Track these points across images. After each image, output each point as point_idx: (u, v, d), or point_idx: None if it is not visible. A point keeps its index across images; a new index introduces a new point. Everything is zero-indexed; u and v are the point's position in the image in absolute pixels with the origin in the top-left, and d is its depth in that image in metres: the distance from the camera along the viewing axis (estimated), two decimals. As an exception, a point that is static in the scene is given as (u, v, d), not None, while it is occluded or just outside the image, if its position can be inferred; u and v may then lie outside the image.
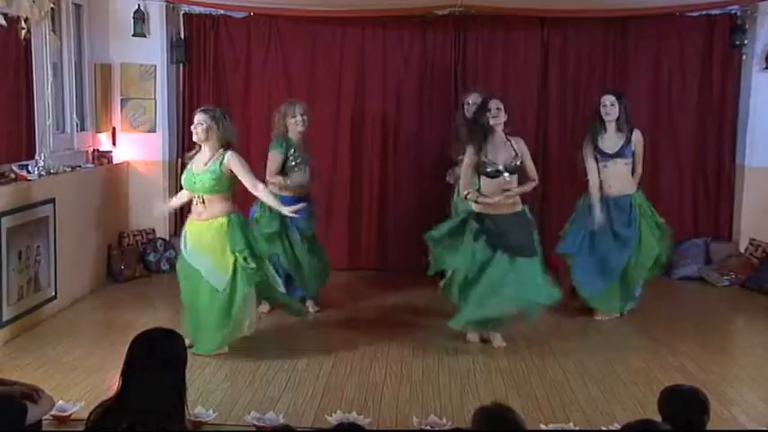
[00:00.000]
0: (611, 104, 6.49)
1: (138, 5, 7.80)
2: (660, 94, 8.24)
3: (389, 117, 8.33)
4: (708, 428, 3.22)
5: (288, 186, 6.41)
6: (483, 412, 3.01)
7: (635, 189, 6.63)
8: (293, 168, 6.46)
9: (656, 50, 8.22)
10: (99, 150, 7.75)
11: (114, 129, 8.03)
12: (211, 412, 4.52)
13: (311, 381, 5.21)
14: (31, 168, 6.32)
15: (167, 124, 8.11)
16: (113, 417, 2.94)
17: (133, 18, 7.81)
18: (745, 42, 7.98)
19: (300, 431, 4.23)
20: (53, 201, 6.44)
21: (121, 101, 8.04)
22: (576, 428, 4.47)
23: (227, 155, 5.54)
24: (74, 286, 6.89)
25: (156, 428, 2.90)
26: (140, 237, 7.99)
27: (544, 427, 4.44)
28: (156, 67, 8.01)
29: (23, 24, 5.99)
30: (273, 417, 4.50)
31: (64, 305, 6.67)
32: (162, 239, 8.06)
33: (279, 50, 8.25)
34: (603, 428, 4.43)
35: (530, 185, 5.89)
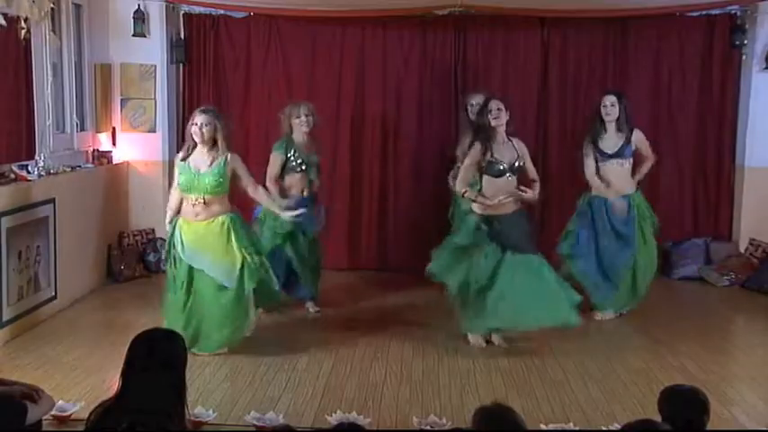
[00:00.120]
0: (611, 105, 6.50)
1: (138, 5, 7.80)
2: (660, 94, 8.24)
3: (389, 117, 8.33)
4: (708, 428, 3.22)
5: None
6: (483, 412, 3.01)
7: (634, 189, 6.64)
8: (294, 170, 6.48)
9: (656, 50, 8.21)
10: (99, 150, 7.74)
11: (114, 129, 8.03)
12: (211, 412, 4.52)
13: (311, 381, 5.21)
14: (31, 168, 6.32)
15: (167, 124, 8.11)
16: (113, 417, 2.94)
17: (133, 18, 7.80)
18: (745, 42, 7.98)
19: (300, 431, 4.23)
20: (53, 201, 6.44)
21: (121, 101, 8.03)
22: (576, 428, 4.47)
23: (228, 155, 5.58)
24: (74, 286, 6.89)
25: (156, 428, 2.90)
26: (140, 237, 7.99)
27: (544, 427, 4.44)
28: (156, 67, 8.01)
29: (23, 24, 5.99)
30: (273, 417, 4.50)
31: (64, 305, 6.67)
32: (162, 239, 8.03)
33: (279, 50, 8.25)
34: (603, 428, 4.43)
35: (536, 187, 5.91)
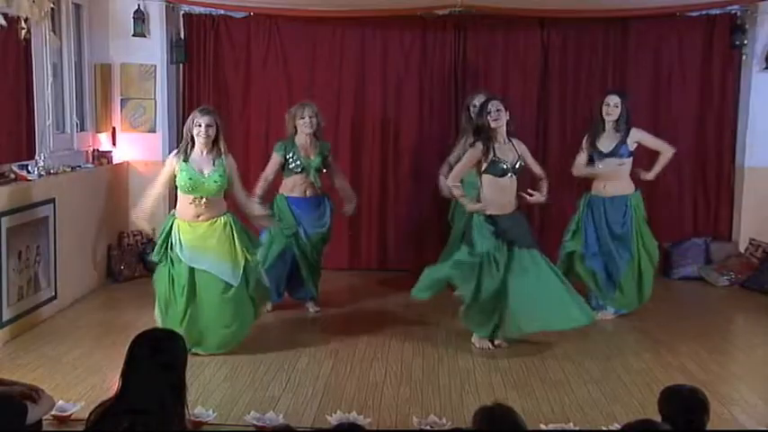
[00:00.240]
0: (614, 105, 6.47)
1: (138, 5, 7.80)
2: (660, 94, 8.23)
3: (389, 117, 8.32)
4: (708, 428, 3.22)
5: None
6: (483, 412, 3.01)
7: (632, 189, 6.62)
8: (293, 171, 6.49)
9: (656, 50, 8.21)
10: (99, 150, 7.74)
11: (114, 129, 8.03)
12: (211, 412, 4.52)
13: (311, 381, 5.22)
14: (31, 168, 6.31)
15: (167, 124, 8.10)
16: (113, 417, 2.94)
17: (133, 18, 7.80)
18: (745, 42, 7.97)
19: (300, 431, 4.23)
20: (53, 201, 6.44)
21: (121, 101, 8.03)
22: (576, 428, 4.47)
23: (224, 156, 5.60)
24: (74, 286, 6.89)
25: (156, 429, 2.90)
26: (140, 237, 7.96)
27: (544, 427, 4.44)
28: (156, 67, 8.00)
29: (23, 24, 5.99)
30: (273, 417, 4.50)
31: (64, 305, 6.67)
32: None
33: (279, 50, 8.24)
34: (603, 428, 4.43)
35: (544, 186, 5.93)
